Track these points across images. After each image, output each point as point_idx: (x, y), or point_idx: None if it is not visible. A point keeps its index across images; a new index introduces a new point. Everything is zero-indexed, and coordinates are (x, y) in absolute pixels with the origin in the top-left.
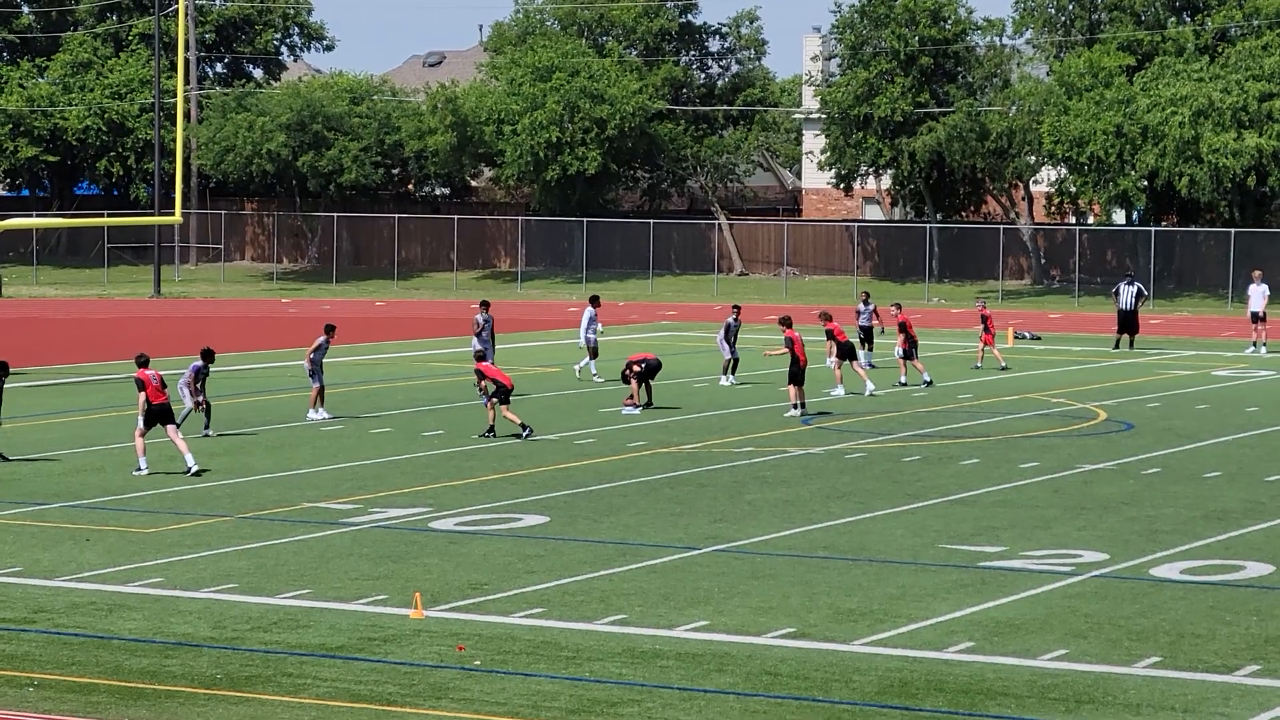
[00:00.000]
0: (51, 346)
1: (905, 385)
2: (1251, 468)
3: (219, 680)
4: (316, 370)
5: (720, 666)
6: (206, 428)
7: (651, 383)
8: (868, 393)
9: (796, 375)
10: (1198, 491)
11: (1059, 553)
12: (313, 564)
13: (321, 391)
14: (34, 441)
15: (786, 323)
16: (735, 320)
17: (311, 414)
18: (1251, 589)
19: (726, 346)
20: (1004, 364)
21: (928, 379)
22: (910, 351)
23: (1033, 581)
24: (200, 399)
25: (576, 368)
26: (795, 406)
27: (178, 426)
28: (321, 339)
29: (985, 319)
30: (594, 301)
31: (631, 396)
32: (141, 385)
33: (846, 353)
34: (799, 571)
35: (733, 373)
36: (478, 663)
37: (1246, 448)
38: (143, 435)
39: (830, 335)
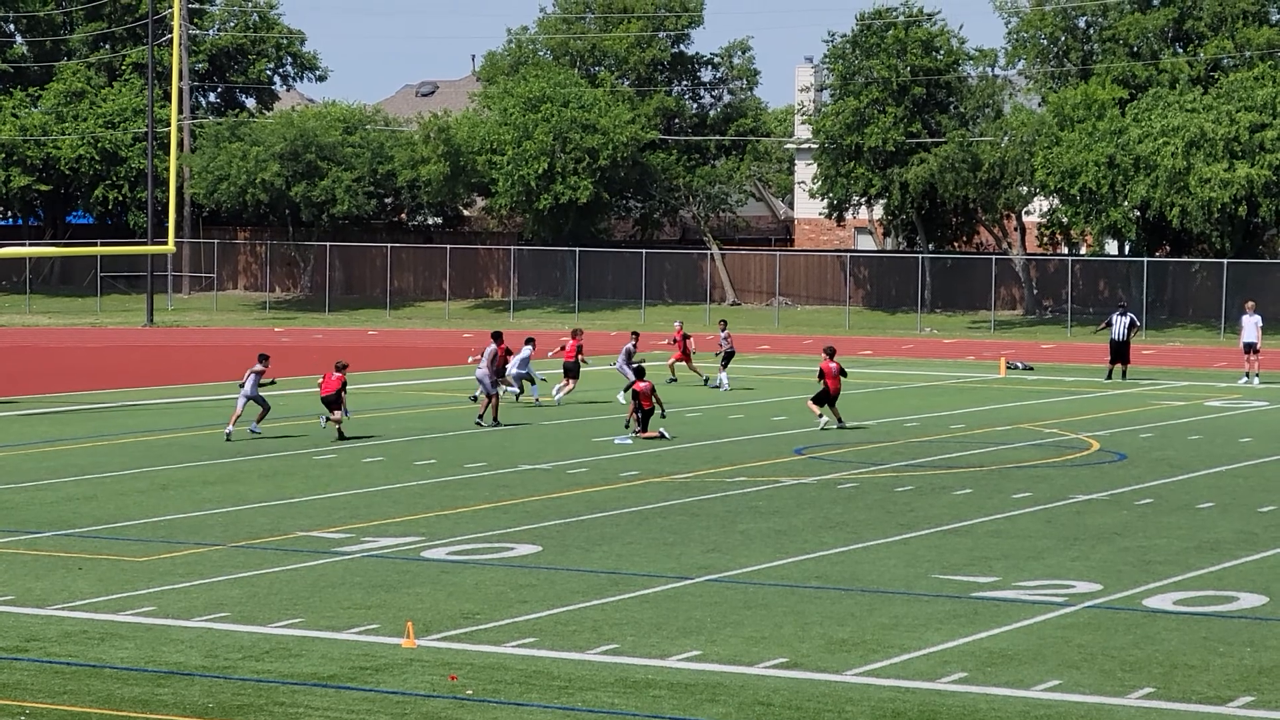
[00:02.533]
0: (44, 375)
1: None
2: (1245, 498)
3: (211, 709)
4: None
5: (713, 696)
6: (257, 423)
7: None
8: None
9: (822, 397)
10: (1191, 522)
11: (1052, 583)
12: (305, 593)
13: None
14: (26, 470)
15: (830, 353)
16: (633, 346)
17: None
18: (1245, 620)
19: (628, 369)
20: (706, 378)
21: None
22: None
23: (1026, 612)
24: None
25: (620, 396)
26: (821, 417)
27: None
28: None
29: (683, 339)
30: (635, 336)
31: (641, 429)
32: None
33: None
34: (791, 601)
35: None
36: (470, 692)
37: (1239, 478)
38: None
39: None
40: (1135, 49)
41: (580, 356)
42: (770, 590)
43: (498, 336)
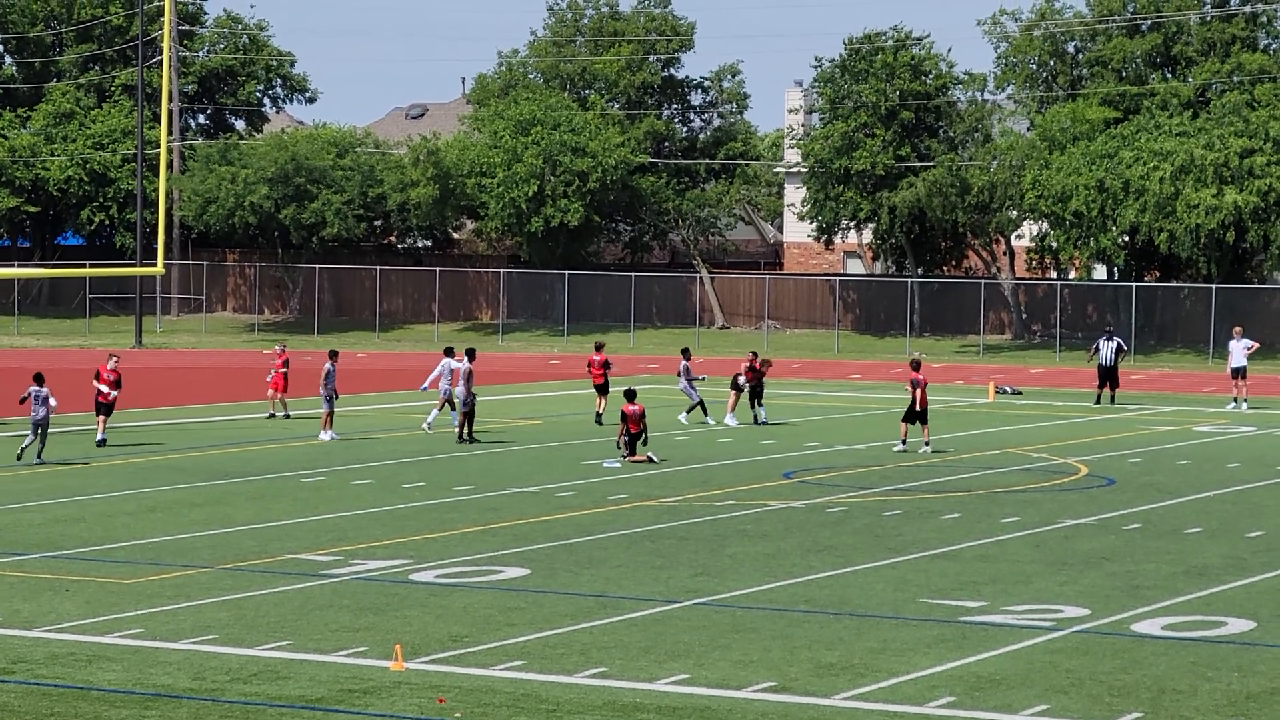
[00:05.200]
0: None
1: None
2: (1233, 524)
3: None
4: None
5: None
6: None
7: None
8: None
9: (910, 414)
10: (1179, 547)
11: (1040, 608)
12: (293, 615)
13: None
14: (14, 492)
15: (915, 365)
16: (688, 364)
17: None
18: (1233, 645)
19: (692, 391)
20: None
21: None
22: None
23: (1014, 637)
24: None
25: (682, 417)
26: (902, 442)
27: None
28: (328, 365)
29: (756, 367)
30: (686, 354)
31: (632, 455)
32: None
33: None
34: (780, 625)
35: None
36: (458, 715)
37: (1228, 504)
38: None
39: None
40: (1123, 73)
41: (607, 372)
42: (759, 614)
43: (470, 354)
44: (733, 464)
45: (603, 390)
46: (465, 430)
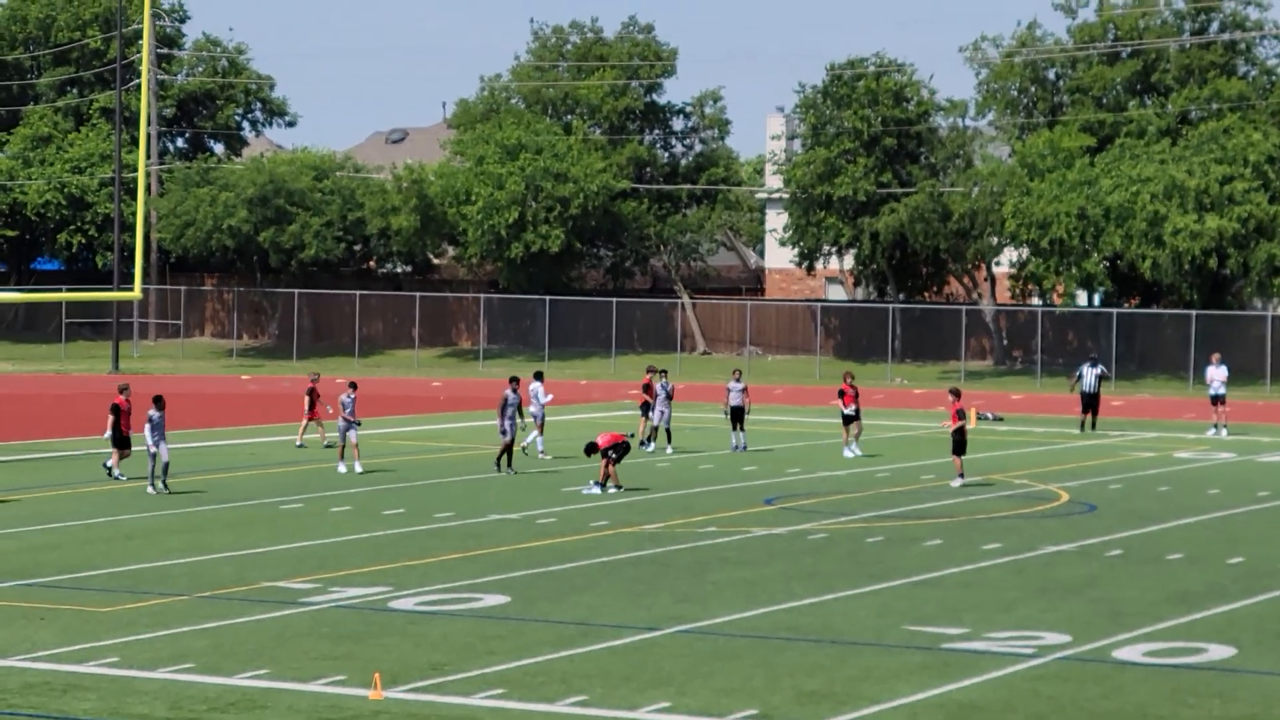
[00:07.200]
0: (8, 422)
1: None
2: (1214, 549)
3: None
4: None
5: None
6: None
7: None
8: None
9: (955, 445)
10: (1160, 573)
11: (1021, 634)
12: (271, 644)
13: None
14: None
15: (955, 394)
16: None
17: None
18: (1214, 672)
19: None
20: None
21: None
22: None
23: (995, 663)
24: (507, 426)
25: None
26: (960, 475)
27: None
28: (350, 394)
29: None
30: (737, 375)
31: (607, 478)
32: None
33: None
34: (762, 653)
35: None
36: None
37: (1208, 529)
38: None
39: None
40: (1103, 100)
41: (649, 395)
42: (741, 641)
43: (514, 381)
44: (714, 490)
45: (645, 411)
46: (506, 459)
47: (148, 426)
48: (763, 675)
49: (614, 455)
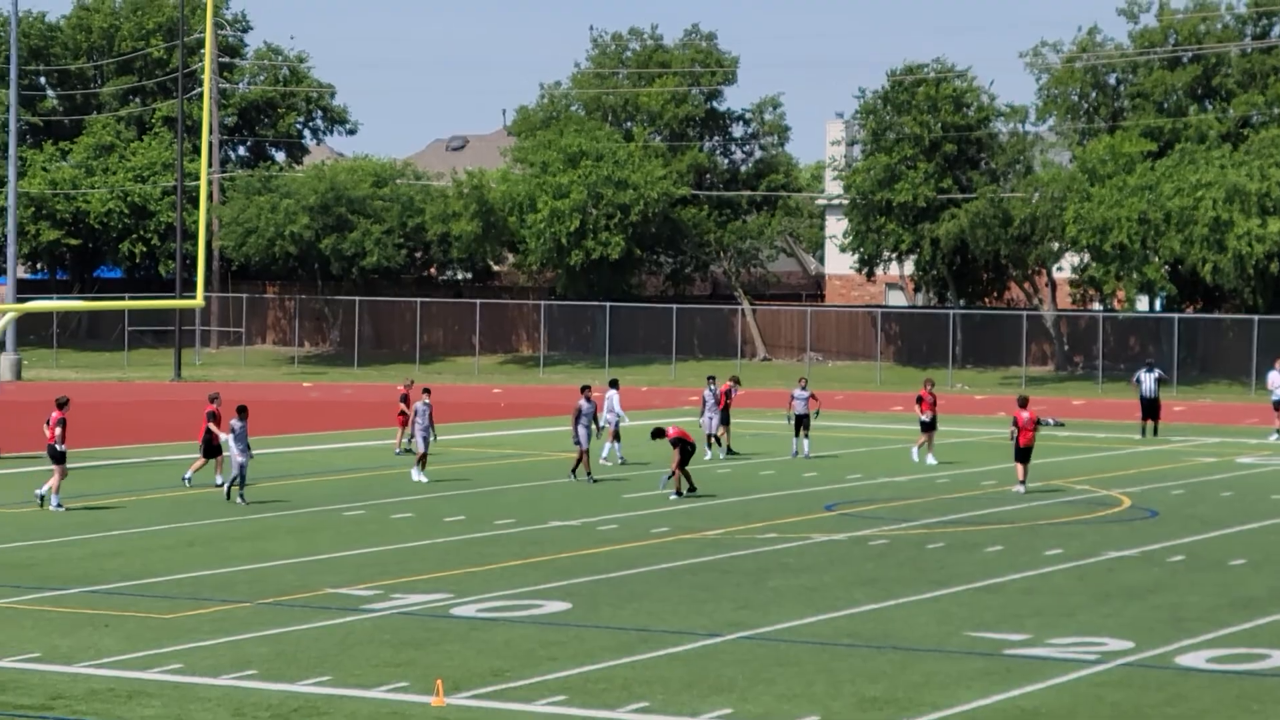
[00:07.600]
0: (71, 430)
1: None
2: (1276, 555)
3: None
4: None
5: None
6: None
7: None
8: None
9: (1017, 453)
10: (1223, 579)
11: (1084, 641)
12: (333, 650)
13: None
14: (54, 526)
15: (1022, 403)
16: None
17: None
18: (1278, 678)
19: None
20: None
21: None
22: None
23: (1058, 670)
24: (581, 435)
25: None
26: (1021, 483)
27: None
28: (425, 402)
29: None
30: (802, 383)
31: (673, 475)
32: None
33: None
34: (823, 659)
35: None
36: None
37: (1272, 535)
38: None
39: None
40: (1163, 105)
41: (727, 401)
42: (801, 647)
43: (585, 390)
44: (775, 497)
45: (724, 420)
46: (584, 468)
47: (230, 436)
48: (824, 681)
49: (681, 453)
